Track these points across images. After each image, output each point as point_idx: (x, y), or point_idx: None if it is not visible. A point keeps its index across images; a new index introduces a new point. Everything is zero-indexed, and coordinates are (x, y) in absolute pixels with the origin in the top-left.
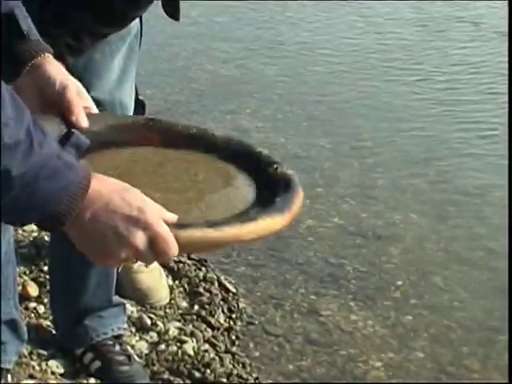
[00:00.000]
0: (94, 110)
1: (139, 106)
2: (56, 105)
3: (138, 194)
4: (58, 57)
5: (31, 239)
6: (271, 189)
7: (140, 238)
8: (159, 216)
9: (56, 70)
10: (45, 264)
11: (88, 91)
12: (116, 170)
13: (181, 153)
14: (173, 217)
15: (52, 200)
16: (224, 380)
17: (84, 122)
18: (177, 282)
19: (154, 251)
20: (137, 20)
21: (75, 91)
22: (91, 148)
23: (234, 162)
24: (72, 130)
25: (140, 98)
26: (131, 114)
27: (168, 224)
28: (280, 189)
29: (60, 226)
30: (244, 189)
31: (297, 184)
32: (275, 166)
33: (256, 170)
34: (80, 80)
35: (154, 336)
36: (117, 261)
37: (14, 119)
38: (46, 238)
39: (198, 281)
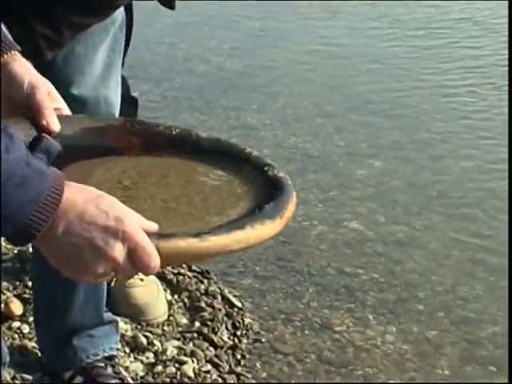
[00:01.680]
0: (67, 111)
1: (131, 103)
2: (24, 107)
3: (114, 201)
4: (35, 51)
5: (15, 252)
6: (262, 193)
7: (118, 250)
8: (138, 225)
9: (24, 68)
10: (30, 279)
11: (70, 88)
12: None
13: (165, 159)
14: (153, 226)
15: (22, 211)
16: None
17: (55, 126)
18: (176, 296)
19: (134, 264)
20: (121, 8)
21: (45, 92)
22: (65, 155)
23: (222, 165)
24: (42, 133)
25: (132, 94)
26: (118, 112)
27: (149, 234)
28: (271, 193)
29: (31, 239)
30: (234, 194)
31: (289, 187)
32: (266, 168)
33: (246, 173)
34: (60, 76)
35: (150, 356)
36: (94, 276)
37: None
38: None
39: (199, 295)
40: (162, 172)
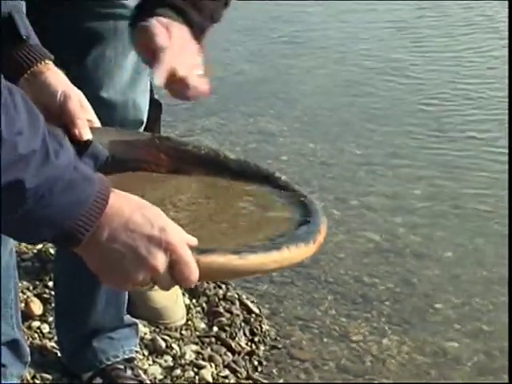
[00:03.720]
0: (97, 123)
1: (155, 106)
2: (57, 116)
3: (159, 212)
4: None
5: (35, 251)
6: (293, 217)
7: (160, 260)
8: (181, 238)
9: (57, 78)
10: (50, 279)
11: (99, 91)
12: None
13: (202, 178)
14: (194, 240)
15: (68, 215)
16: None
17: (87, 136)
18: (194, 300)
19: (174, 276)
20: None
21: (78, 102)
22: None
23: (253, 187)
24: (89, 139)
25: (156, 97)
26: (145, 116)
27: (190, 248)
28: (303, 217)
29: (76, 243)
30: (268, 216)
31: (320, 212)
32: (296, 192)
33: (276, 195)
34: (90, 79)
35: (168, 360)
36: (133, 284)
37: (28, 127)
38: (52, 251)
39: (217, 300)
40: (202, 192)
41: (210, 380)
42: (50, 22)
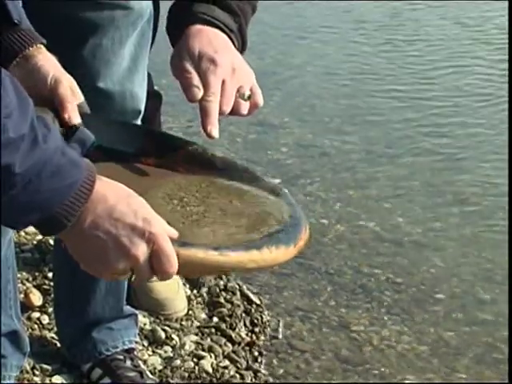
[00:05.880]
0: (87, 109)
1: (155, 97)
2: (47, 100)
3: (143, 203)
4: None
5: (35, 243)
6: (276, 219)
7: (142, 250)
8: (164, 229)
9: (49, 62)
10: (50, 270)
11: (96, 81)
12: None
13: (191, 176)
14: (175, 233)
15: (55, 200)
16: None
17: (77, 121)
18: (195, 291)
19: (153, 266)
20: (149, 3)
21: (68, 87)
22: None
23: (237, 186)
24: (77, 124)
25: (155, 88)
26: (143, 107)
27: (171, 240)
28: (285, 221)
29: (61, 228)
30: (253, 215)
31: (303, 217)
32: (282, 196)
33: (260, 198)
34: (87, 69)
35: (168, 350)
36: (112, 273)
37: (17, 110)
38: (51, 242)
39: (218, 290)
40: (204, 190)
41: (210, 370)
42: (45, 12)
